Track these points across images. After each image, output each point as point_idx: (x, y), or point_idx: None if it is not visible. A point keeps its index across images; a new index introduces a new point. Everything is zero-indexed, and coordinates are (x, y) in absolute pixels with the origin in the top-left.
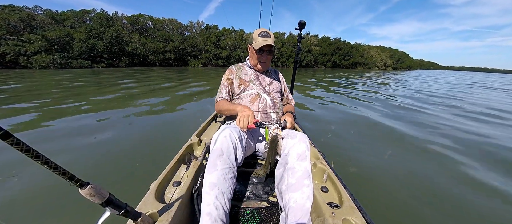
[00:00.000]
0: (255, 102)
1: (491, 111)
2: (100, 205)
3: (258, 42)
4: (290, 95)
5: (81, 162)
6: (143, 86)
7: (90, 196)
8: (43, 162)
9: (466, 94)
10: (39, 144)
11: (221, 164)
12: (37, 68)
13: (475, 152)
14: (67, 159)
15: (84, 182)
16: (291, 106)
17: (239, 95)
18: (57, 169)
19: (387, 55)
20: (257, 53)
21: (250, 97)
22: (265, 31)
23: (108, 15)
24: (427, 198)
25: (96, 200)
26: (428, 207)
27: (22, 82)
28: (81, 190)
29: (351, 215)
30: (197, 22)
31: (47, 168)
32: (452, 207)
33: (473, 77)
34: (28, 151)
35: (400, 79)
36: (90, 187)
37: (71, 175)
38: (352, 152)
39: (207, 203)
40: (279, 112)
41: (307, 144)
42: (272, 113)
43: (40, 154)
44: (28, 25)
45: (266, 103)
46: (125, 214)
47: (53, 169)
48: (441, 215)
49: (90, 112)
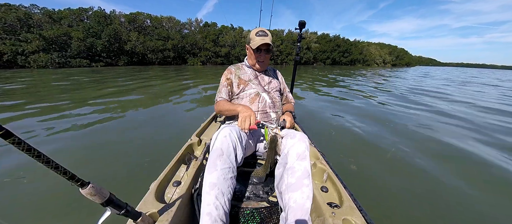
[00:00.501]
0: (254, 102)
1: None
2: (100, 205)
3: (256, 42)
4: (290, 94)
5: (80, 162)
6: (144, 86)
7: (90, 195)
8: (45, 161)
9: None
10: (40, 144)
11: (221, 164)
12: (35, 67)
13: (475, 153)
14: (66, 159)
15: (85, 181)
16: (291, 106)
17: (238, 95)
18: (58, 169)
19: (386, 51)
20: (255, 53)
21: (250, 96)
22: (262, 30)
23: (106, 13)
24: (426, 198)
25: (97, 200)
26: (428, 208)
27: (23, 82)
28: (82, 190)
29: (351, 215)
30: (196, 20)
31: (48, 167)
32: (452, 208)
33: (467, 72)
34: (29, 150)
35: (397, 76)
36: (90, 186)
37: (72, 175)
38: (352, 152)
39: (207, 203)
40: (278, 111)
41: (306, 144)
42: (272, 112)
43: (41, 153)
44: (25, 24)
45: (265, 103)
46: (126, 214)
47: (54, 169)
48: (441, 215)
49: (89, 112)
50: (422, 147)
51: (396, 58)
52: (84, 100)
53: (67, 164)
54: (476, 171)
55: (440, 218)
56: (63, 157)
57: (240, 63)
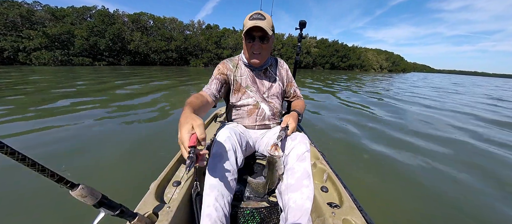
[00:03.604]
0: (252, 114)
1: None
2: (93, 206)
3: (247, 25)
4: (298, 90)
5: (80, 162)
6: (144, 85)
7: (81, 197)
8: (30, 164)
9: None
10: (31, 148)
11: (221, 167)
12: (37, 64)
13: (476, 155)
14: (66, 159)
15: (75, 183)
16: (301, 102)
17: (236, 103)
18: (44, 171)
19: (383, 57)
20: (247, 41)
21: (248, 108)
22: (258, 13)
23: (110, 12)
24: (427, 198)
25: (88, 201)
26: (428, 207)
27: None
28: (72, 192)
29: (351, 215)
30: (198, 22)
31: (34, 170)
32: (452, 207)
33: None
34: (12, 154)
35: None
36: (80, 188)
37: (60, 177)
38: (353, 151)
39: (207, 204)
40: (278, 120)
41: (307, 146)
42: (272, 123)
43: (26, 157)
44: (27, 21)
45: (264, 115)
46: (121, 215)
47: (40, 172)
48: (441, 215)
49: (89, 112)
50: (424, 147)
51: (392, 64)
52: (84, 99)
53: (66, 164)
54: (479, 173)
55: (440, 218)
56: (61, 157)
57: (237, 58)
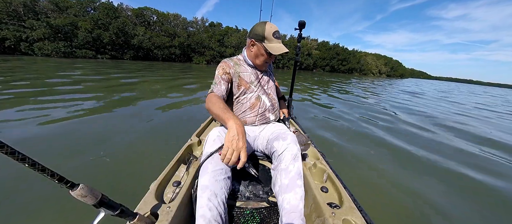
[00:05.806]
0: (255, 107)
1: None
2: (93, 206)
3: (274, 47)
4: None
5: (80, 161)
6: (145, 84)
7: (81, 197)
8: (30, 164)
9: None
10: (30, 146)
11: (212, 167)
12: (40, 55)
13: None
14: (65, 159)
15: (75, 183)
16: (283, 98)
17: (238, 97)
18: (44, 171)
19: (382, 62)
20: (267, 55)
21: (250, 101)
22: (278, 32)
23: (114, 6)
24: (427, 198)
25: (89, 201)
26: (428, 207)
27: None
28: (72, 192)
29: (351, 215)
30: (202, 19)
31: (34, 170)
32: (452, 207)
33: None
34: (12, 154)
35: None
36: (81, 188)
37: (60, 177)
38: (353, 151)
39: (200, 205)
40: (276, 112)
41: (298, 146)
42: (271, 115)
43: (26, 157)
44: (31, 10)
45: (265, 107)
46: (121, 215)
47: (40, 171)
48: (441, 214)
49: (88, 111)
50: (424, 147)
51: (391, 69)
52: (83, 96)
53: (63, 166)
54: (475, 174)
55: (440, 217)
56: (60, 158)
57: (237, 58)
